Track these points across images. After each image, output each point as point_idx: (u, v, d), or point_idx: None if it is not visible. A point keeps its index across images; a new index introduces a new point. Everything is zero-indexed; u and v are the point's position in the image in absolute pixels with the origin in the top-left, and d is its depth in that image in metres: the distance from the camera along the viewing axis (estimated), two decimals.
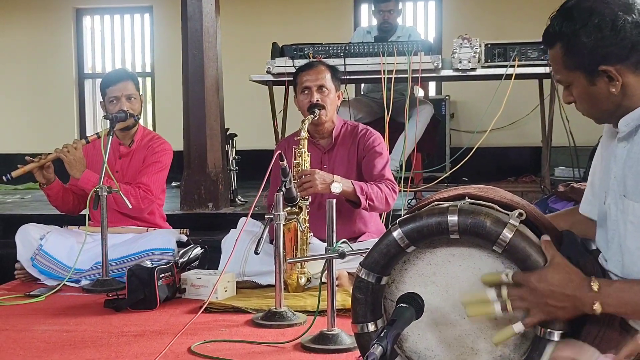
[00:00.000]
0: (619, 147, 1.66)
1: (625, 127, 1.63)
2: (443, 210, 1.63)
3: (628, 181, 1.59)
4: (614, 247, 1.64)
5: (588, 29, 1.57)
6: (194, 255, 3.49)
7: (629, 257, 1.58)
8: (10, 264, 3.68)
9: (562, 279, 1.52)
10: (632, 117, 1.62)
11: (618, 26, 1.55)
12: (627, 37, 1.56)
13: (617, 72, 1.58)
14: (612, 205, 1.64)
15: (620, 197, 1.61)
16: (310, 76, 3.44)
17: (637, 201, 1.56)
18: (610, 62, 1.57)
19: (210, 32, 4.89)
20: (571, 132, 4.58)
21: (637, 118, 1.61)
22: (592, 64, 1.59)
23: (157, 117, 8.70)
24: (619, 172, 1.63)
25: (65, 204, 3.73)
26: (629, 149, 1.62)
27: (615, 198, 1.63)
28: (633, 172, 1.58)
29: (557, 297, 1.52)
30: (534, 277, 1.54)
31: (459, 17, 7.90)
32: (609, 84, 1.60)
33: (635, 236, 1.57)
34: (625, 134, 1.63)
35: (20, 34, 8.75)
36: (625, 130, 1.63)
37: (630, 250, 1.58)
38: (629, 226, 1.58)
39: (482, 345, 1.67)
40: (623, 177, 1.61)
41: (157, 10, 8.60)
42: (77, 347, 2.52)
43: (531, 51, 4.39)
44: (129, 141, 3.78)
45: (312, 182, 3.19)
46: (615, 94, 1.60)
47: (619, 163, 1.64)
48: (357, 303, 1.73)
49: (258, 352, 2.45)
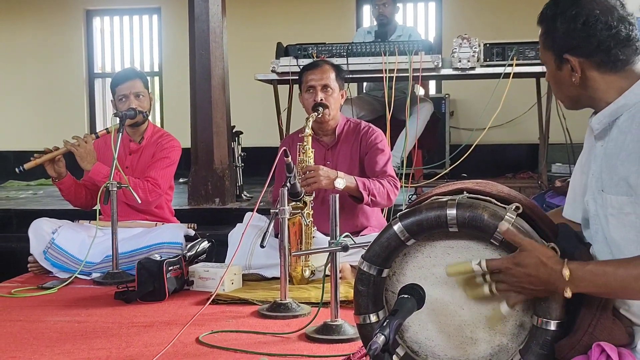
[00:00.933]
0: (596, 146, 1.69)
1: (598, 124, 1.66)
2: (442, 204, 1.64)
3: (604, 176, 1.62)
4: (599, 240, 1.65)
5: (565, 17, 1.63)
6: (201, 248, 3.53)
7: (616, 247, 1.60)
8: (24, 257, 3.72)
9: (535, 262, 1.54)
10: (603, 115, 1.65)
11: (590, 23, 1.60)
12: (595, 36, 1.61)
13: (579, 65, 1.64)
14: (590, 201, 1.67)
15: (598, 192, 1.64)
16: (315, 75, 3.47)
17: (614, 194, 1.59)
18: (575, 53, 1.63)
19: (217, 33, 4.93)
20: (568, 129, 4.60)
21: (608, 115, 1.64)
22: (560, 50, 1.66)
23: (165, 115, 8.73)
24: (597, 169, 1.66)
25: (77, 198, 3.76)
26: (605, 146, 1.65)
27: (594, 194, 1.65)
28: (609, 167, 1.61)
29: (532, 281, 1.55)
30: (508, 262, 1.57)
31: (458, 17, 7.92)
32: (571, 73, 1.66)
33: (617, 227, 1.59)
34: (599, 131, 1.67)
35: (32, 35, 8.80)
36: (599, 127, 1.66)
37: (616, 242, 1.60)
38: (610, 219, 1.60)
39: (480, 335, 1.69)
40: (600, 173, 1.64)
41: (165, 12, 8.64)
42: (88, 338, 2.56)
43: (529, 50, 4.41)
44: (139, 138, 3.82)
45: (316, 177, 3.22)
46: (575, 84, 1.66)
47: (597, 161, 1.67)
48: (359, 295, 1.74)
49: (264, 342, 2.48)
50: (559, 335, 1.58)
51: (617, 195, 1.58)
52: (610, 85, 1.64)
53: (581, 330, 1.56)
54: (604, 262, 1.59)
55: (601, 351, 1.53)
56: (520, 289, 1.58)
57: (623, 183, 1.56)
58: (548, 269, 1.54)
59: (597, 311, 1.56)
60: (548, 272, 1.53)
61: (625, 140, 1.58)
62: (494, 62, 4.49)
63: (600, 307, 1.56)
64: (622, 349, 1.55)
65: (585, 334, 1.56)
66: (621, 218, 1.58)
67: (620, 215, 1.58)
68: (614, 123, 1.64)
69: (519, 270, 1.56)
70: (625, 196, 1.56)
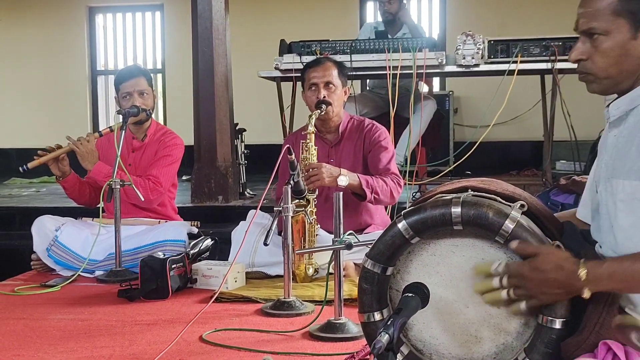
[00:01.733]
0: (609, 136, 1.66)
1: (616, 110, 1.63)
2: (447, 202, 1.64)
3: (617, 162, 1.59)
4: (606, 229, 1.63)
5: None
6: (204, 246, 3.53)
7: (622, 234, 1.58)
8: (27, 255, 3.73)
9: (554, 267, 1.53)
10: (623, 101, 1.62)
11: None
12: None
13: None
14: (602, 192, 1.64)
15: (608, 180, 1.61)
16: (317, 73, 3.47)
17: (624, 178, 1.56)
18: None
19: (220, 30, 4.93)
20: (572, 126, 4.59)
21: (627, 102, 1.61)
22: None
23: (168, 113, 8.75)
24: (609, 158, 1.63)
25: (82, 196, 3.77)
26: (619, 135, 1.62)
27: (605, 183, 1.63)
28: (622, 153, 1.58)
29: (551, 285, 1.53)
30: (526, 267, 1.56)
31: (462, 14, 7.92)
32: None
33: (626, 213, 1.57)
34: (615, 118, 1.64)
35: (35, 32, 8.82)
36: (616, 114, 1.63)
37: (623, 228, 1.57)
38: (619, 204, 1.58)
39: (485, 334, 1.68)
40: (612, 161, 1.61)
41: (168, 9, 8.65)
42: (91, 336, 2.56)
43: (533, 47, 4.40)
44: (142, 135, 3.82)
45: (319, 175, 3.22)
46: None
47: (609, 150, 1.64)
48: (363, 293, 1.74)
49: (267, 341, 2.48)
50: (564, 334, 1.58)
51: (629, 180, 1.56)
52: None
53: (587, 328, 1.56)
54: (620, 258, 1.56)
55: (607, 349, 1.53)
56: (539, 294, 1.56)
57: (637, 167, 1.54)
58: (565, 271, 1.53)
59: (604, 310, 1.55)
60: (566, 274, 1.52)
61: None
62: (498, 58, 4.48)
63: (606, 306, 1.55)
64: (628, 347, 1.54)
65: (592, 332, 1.55)
66: (632, 204, 1.56)
67: (632, 202, 1.56)
68: (631, 111, 1.61)
69: (537, 276, 1.54)
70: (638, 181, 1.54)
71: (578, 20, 1.65)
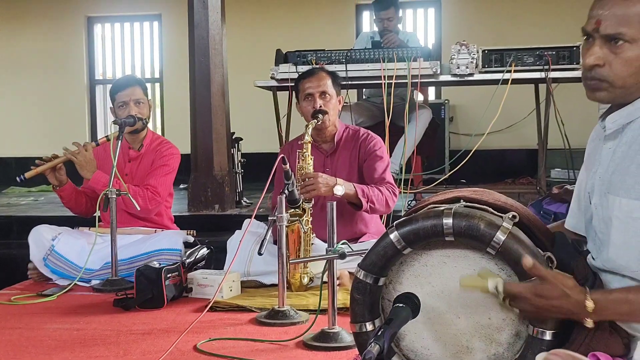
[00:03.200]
0: (604, 148, 1.64)
1: (613, 124, 1.61)
2: (438, 213, 1.63)
3: (613, 178, 1.57)
4: (599, 242, 1.62)
5: None
6: (200, 255, 3.54)
7: (614, 250, 1.56)
8: (24, 264, 3.73)
9: (558, 295, 1.50)
10: (620, 115, 1.59)
11: None
12: None
13: None
14: (598, 205, 1.62)
15: (604, 195, 1.59)
16: (312, 83, 3.49)
17: (622, 196, 1.54)
18: None
19: (217, 40, 4.95)
20: (566, 135, 4.60)
21: (625, 116, 1.59)
22: None
23: (165, 122, 8.77)
24: (604, 171, 1.61)
25: (78, 205, 3.77)
26: (614, 149, 1.60)
27: (601, 197, 1.61)
28: (619, 168, 1.56)
29: (554, 310, 1.52)
30: (529, 292, 1.52)
31: (457, 24, 7.94)
32: None
33: (620, 230, 1.55)
34: (612, 131, 1.61)
35: (33, 41, 8.84)
36: (612, 127, 1.61)
37: (616, 245, 1.55)
38: (614, 221, 1.55)
39: (476, 344, 1.68)
40: (608, 174, 1.59)
41: (166, 19, 8.68)
42: (87, 345, 2.56)
43: (527, 57, 4.41)
44: (138, 145, 3.83)
45: (315, 184, 3.23)
46: None
47: (604, 163, 1.62)
48: (355, 303, 1.73)
49: (261, 350, 2.49)
50: (555, 345, 1.57)
51: (628, 199, 1.53)
52: None
53: (577, 341, 1.55)
54: (626, 289, 1.53)
55: None
56: (538, 315, 1.55)
57: (638, 187, 1.52)
58: (572, 300, 1.50)
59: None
60: (572, 303, 1.50)
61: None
62: (492, 68, 4.50)
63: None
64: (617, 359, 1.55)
65: (582, 344, 1.54)
66: (627, 222, 1.54)
67: (628, 220, 1.54)
68: (627, 125, 1.59)
69: (541, 301, 1.52)
70: (638, 201, 1.52)
71: (598, 21, 1.54)
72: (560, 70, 4.42)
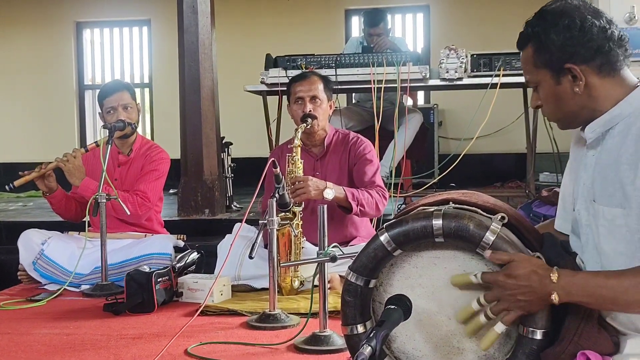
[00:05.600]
0: (587, 155, 1.68)
1: (592, 133, 1.66)
2: (428, 215, 1.65)
3: (597, 186, 1.62)
4: (590, 249, 1.66)
5: (558, 28, 1.62)
6: (190, 260, 3.53)
7: (606, 258, 1.61)
8: (13, 269, 3.72)
9: (527, 272, 1.54)
10: (597, 124, 1.65)
11: (586, 28, 1.60)
12: (594, 39, 1.60)
13: (581, 72, 1.62)
14: (582, 210, 1.67)
15: (590, 202, 1.64)
16: (303, 87, 3.50)
17: (606, 205, 1.59)
18: (576, 61, 1.62)
19: (206, 44, 4.94)
20: (554, 139, 4.63)
21: (602, 124, 1.64)
22: (559, 62, 1.63)
23: (155, 126, 8.76)
24: (588, 179, 1.66)
25: (68, 211, 3.76)
26: (597, 156, 1.65)
27: (586, 204, 1.65)
28: (602, 178, 1.61)
29: (525, 291, 1.54)
30: (500, 275, 1.57)
31: (446, 28, 7.99)
32: (573, 84, 1.63)
33: (608, 239, 1.59)
34: (592, 140, 1.67)
35: (22, 46, 8.83)
36: (592, 137, 1.66)
37: (606, 253, 1.60)
38: (601, 229, 1.60)
39: (467, 345, 1.70)
40: (592, 183, 1.64)
41: (155, 24, 8.68)
42: (77, 350, 2.55)
43: (515, 61, 4.44)
44: (127, 150, 3.82)
45: (305, 188, 3.23)
46: (579, 93, 1.63)
47: (588, 171, 1.67)
48: (346, 306, 1.75)
49: (252, 354, 2.48)
50: (545, 345, 1.59)
51: (610, 207, 1.58)
52: (608, 93, 1.63)
53: (567, 339, 1.57)
54: (595, 272, 1.59)
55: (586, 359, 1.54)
56: (515, 302, 1.56)
57: (618, 194, 1.56)
58: (539, 276, 1.54)
59: (583, 320, 1.57)
60: (539, 278, 1.54)
61: (620, 150, 1.58)
62: (481, 72, 4.53)
63: (585, 316, 1.57)
64: (607, 357, 1.57)
65: (571, 343, 1.56)
66: (612, 230, 1.59)
67: (612, 227, 1.59)
68: (607, 133, 1.64)
69: (512, 282, 1.55)
70: (618, 208, 1.56)
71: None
72: None
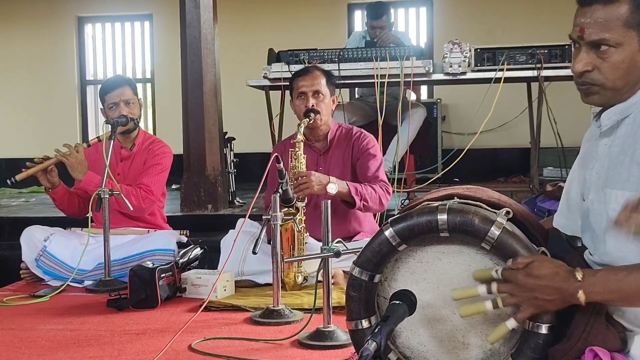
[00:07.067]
0: (600, 145, 1.67)
1: (608, 120, 1.64)
2: (433, 210, 1.64)
3: (609, 172, 1.60)
4: (597, 236, 1.64)
5: None
6: (193, 255, 3.52)
7: (612, 243, 1.59)
8: (16, 265, 3.70)
9: (549, 272, 1.52)
10: (614, 112, 1.63)
11: None
12: None
13: None
14: (594, 200, 1.64)
15: (601, 189, 1.61)
16: (306, 82, 3.49)
17: (618, 189, 1.57)
18: None
19: (208, 39, 4.94)
20: (559, 133, 4.61)
21: (619, 112, 1.62)
22: None
23: (157, 122, 8.76)
24: (601, 167, 1.63)
25: (70, 207, 3.74)
26: (610, 144, 1.63)
27: (597, 192, 1.63)
28: (614, 163, 1.59)
29: (545, 291, 1.52)
30: (521, 272, 1.53)
31: (449, 22, 7.97)
32: None
33: None
34: (607, 128, 1.64)
35: (24, 42, 8.82)
36: (608, 124, 1.64)
37: (614, 237, 1.58)
38: (611, 214, 1.58)
39: (472, 340, 1.69)
40: (604, 170, 1.62)
41: (157, 18, 8.67)
42: (80, 346, 2.55)
43: (519, 55, 4.42)
44: (130, 145, 3.81)
45: (308, 183, 3.23)
46: None
47: (600, 159, 1.65)
48: (351, 301, 1.74)
49: (256, 349, 2.48)
50: (551, 339, 1.58)
51: (623, 191, 1.56)
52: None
53: (575, 335, 1.56)
54: (615, 268, 1.55)
55: (594, 356, 1.53)
56: (529, 300, 1.54)
57: (633, 178, 1.55)
58: (562, 276, 1.51)
59: (591, 317, 1.56)
60: (562, 279, 1.51)
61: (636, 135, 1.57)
62: (484, 67, 4.50)
63: (594, 313, 1.56)
64: (615, 354, 1.55)
65: (579, 339, 1.55)
66: None
67: None
68: (622, 121, 1.63)
69: (531, 282, 1.53)
70: (632, 192, 1.54)
71: (582, 29, 1.60)
72: (553, 68, 4.44)
